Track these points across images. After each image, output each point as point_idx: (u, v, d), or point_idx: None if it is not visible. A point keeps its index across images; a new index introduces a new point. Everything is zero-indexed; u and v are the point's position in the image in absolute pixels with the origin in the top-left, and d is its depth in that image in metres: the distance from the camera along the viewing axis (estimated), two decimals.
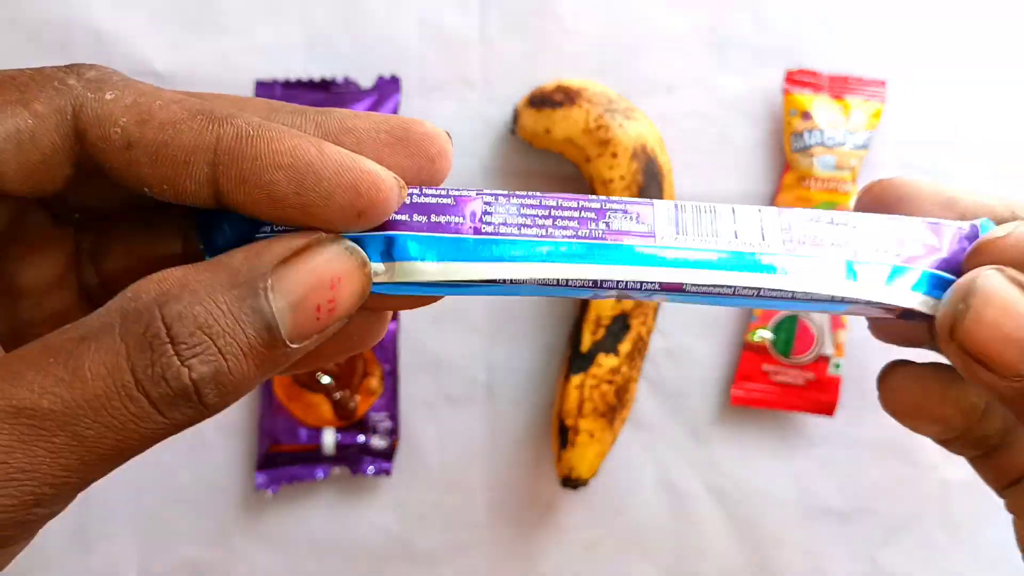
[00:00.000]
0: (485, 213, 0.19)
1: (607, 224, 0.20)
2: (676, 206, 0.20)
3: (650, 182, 0.44)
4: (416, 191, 0.19)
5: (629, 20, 0.47)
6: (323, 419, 0.45)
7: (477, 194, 0.20)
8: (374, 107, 0.45)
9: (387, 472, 0.46)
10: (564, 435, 0.45)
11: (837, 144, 0.46)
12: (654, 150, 0.44)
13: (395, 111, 0.46)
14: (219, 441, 0.47)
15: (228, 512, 0.47)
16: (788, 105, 0.47)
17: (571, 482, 0.45)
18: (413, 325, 0.47)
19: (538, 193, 0.20)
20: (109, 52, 0.45)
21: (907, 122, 0.48)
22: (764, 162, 0.48)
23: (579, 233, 0.19)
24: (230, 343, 0.15)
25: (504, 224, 0.19)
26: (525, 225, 0.19)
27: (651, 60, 0.47)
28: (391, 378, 0.46)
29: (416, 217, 0.19)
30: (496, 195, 0.20)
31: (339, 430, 0.46)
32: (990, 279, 0.18)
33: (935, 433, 0.22)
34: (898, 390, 0.21)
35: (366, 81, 0.46)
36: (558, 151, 0.45)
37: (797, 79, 0.47)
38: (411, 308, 0.20)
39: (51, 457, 0.15)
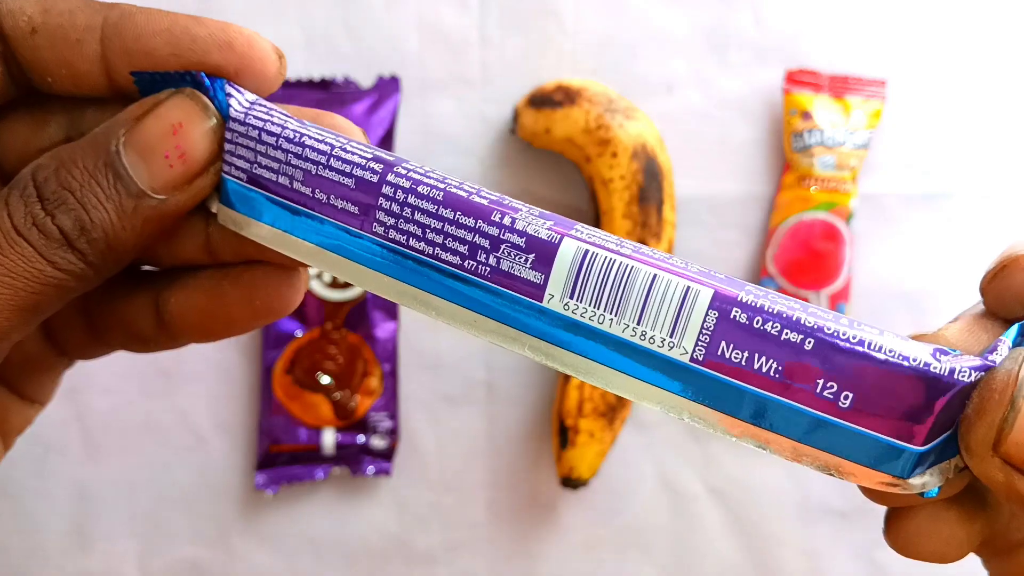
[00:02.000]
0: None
1: (495, 261, 0.17)
2: (585, 255, 0.17)
3: (650, 182, 0.44)
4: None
5: (629, 20, 0.47)
6: (323, 419, 0.45)
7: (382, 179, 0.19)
8: (374, 107, 0.45)
9: (387, 472, 0.46)
10: (564, 435, 0.45)
11: (837, 144, 0.46)
12: (654, 150, 0.44)
13: (395, 111, 0.46)
14: (219, 441, 0.47)
15: (228, 512, 0.47)
16: (788, 105, 0.47)
17: (571, 482, 0.45)
18: (413, 325, 0.47)
19: (443, 190, 0.18)
20: None
21: (907, 122, 0.48)
22: (764, 162, 0.48)
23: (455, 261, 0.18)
24: (87, 195, 0.18)
25: (394, 228, 0.19)
26: (415, 236, 0.18)
27: (651, 60, 0.47)
28: (391, 378, 0.46)
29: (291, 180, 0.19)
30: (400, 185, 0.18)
31: (339, 430, 0.46)
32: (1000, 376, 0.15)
33: (947, 562, 0.19)
34: (917, 537, 0.19)
35: (366, 81, 0.46)
36: (558, 151, 0.45)
37: (797, 79, 0.47)
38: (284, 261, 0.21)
39: None
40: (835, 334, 0.16)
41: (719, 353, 0.16)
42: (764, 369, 0.16)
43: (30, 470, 0.46)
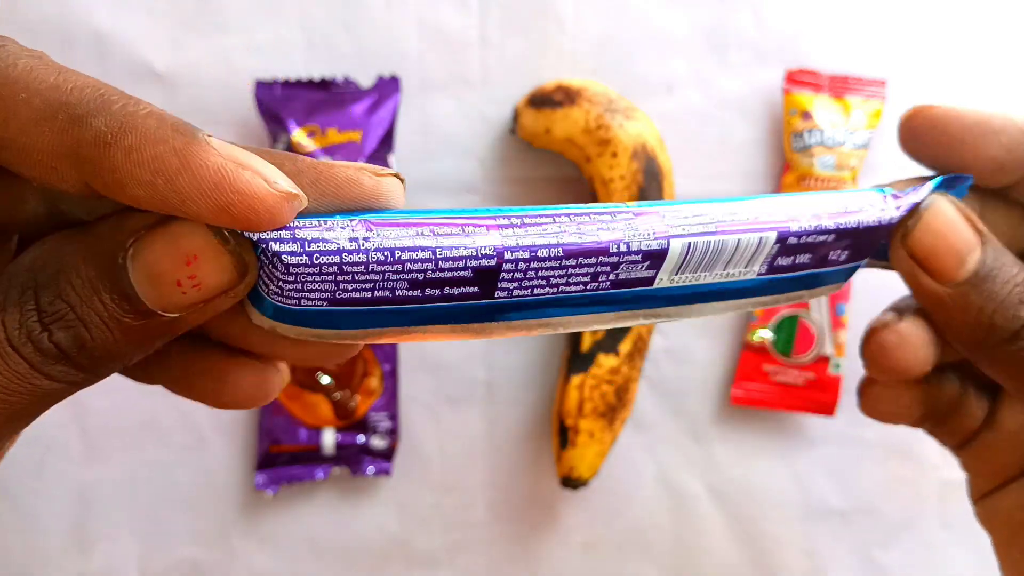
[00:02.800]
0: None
1: (615, 276, 0.20)
2: (688, 247, 0.20)
3: (650, 182, 0.44)
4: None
5: (629, 20, 0.47)
6: (323, 419, 0.45)
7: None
8: (374, 107, 0.45)
9: (387, 472, 0.46)
10: (564, 435, 0.45)
11: (837, 144, 0.46)
12: (654, 150, 0.44)
13: (395, 111, 0.46)
14: (219, 441, 0.47)
15: (228, 512, 0.47)
16: (788, 105, 0.47)
17: (571, 482, 0.45)
18: None
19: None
20: (109, 52, 0.45)
21: None
22: (764, 162, 0.48)
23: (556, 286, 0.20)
24: (88, 312, 0.16)
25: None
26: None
27: (651, 60, 0.47)
28: (391, 378, 0.46)
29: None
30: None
31: (339, 430, 0.46)
32: (942, 200, 0.22)
33: (906, 425, 0.26)
34: (875, 402, 0.26)
35: (366, 81, 0.46)
36: (558, 151, 0.45)
37: (797, 79, 0.47)
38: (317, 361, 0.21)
39: None
40: (845, 225, 0.22)
41: (775, 264, 0.22)
42: (803, 261, 0.22)
43: (30, 470, 0.46)
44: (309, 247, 0.17)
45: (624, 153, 0.43)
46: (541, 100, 0.44)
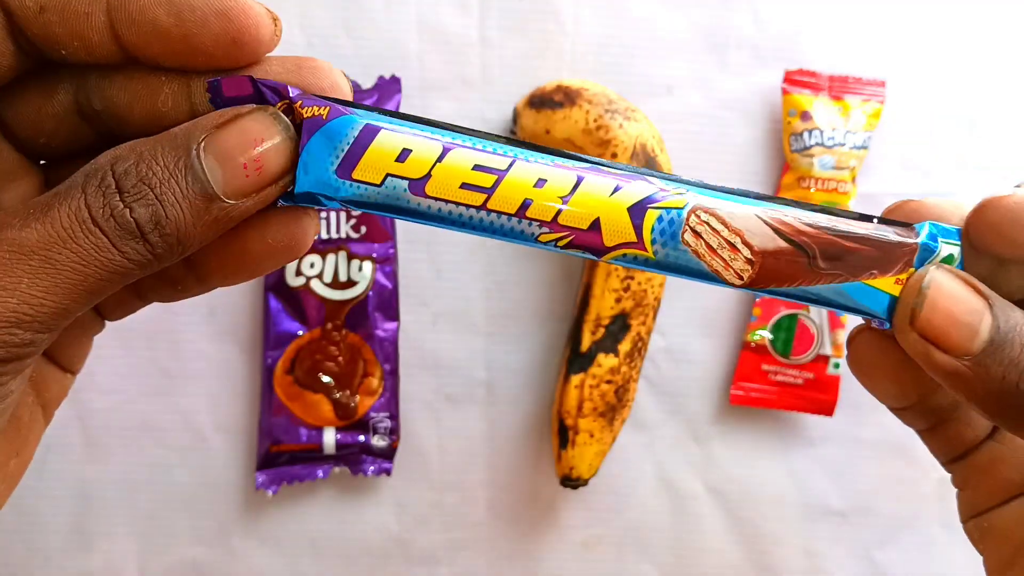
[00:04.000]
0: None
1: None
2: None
3: None
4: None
5: (629, 20, 0.47)
6: (323, 419, 0.46)
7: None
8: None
9: (387, 472, 0.46)
10: (564, 435, 0.45)
11: (837, 144, 0.46)
12: (654, 150, 0.44)
13: (395, 111, 0.46)
14: (219, 441, 0.47)
15: (228, 512, 0.47)
16: (787, 105, 0.47)
17: (571, 482, 0.45)
18: (413, 325, 0.47)
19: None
20: None
21: (907, 122, 0.48)
22: (764, 162, 0.48)
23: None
24: (166, 192, 0.19)
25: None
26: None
27: (651, 60, 0.47)
28: (391, 378, 0.46)
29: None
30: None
31: (339, 430, 0.46)
32: (941, 274, 0.21)
33: (893, 396, 0.24)
34: (862, 347, 0.24)
35: (366, 81, 0.46)
36: None
37: (797, 79, 0.47)
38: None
39: (28, 278, 0.18)
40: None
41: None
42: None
43: (30, 470, 0.46)
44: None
45: (624, 153, 0.43)
46: (541, 100, 0.44)
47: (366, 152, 0.20)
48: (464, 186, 0.20)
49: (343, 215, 0.46)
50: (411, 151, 0.20)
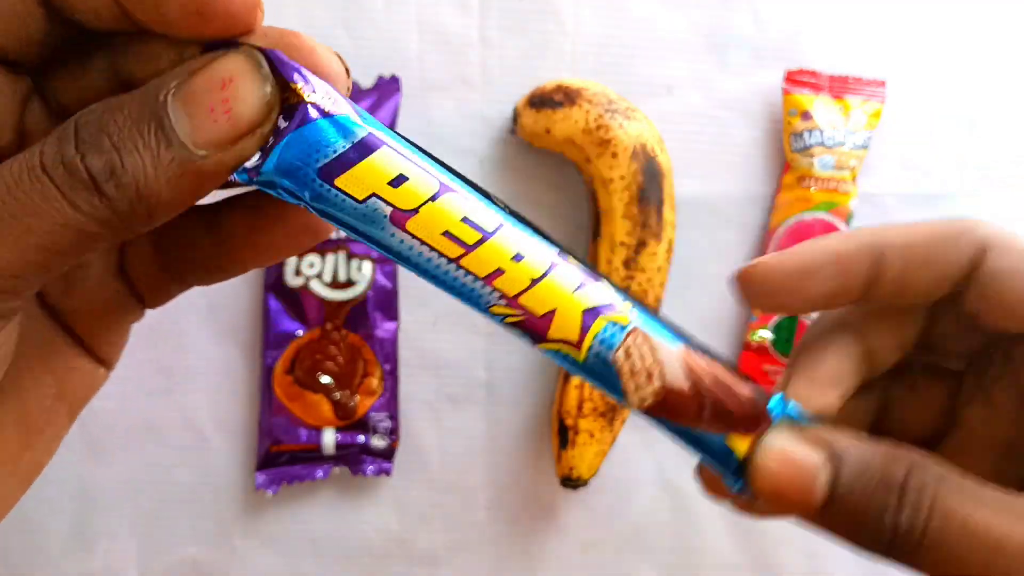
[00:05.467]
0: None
1: None
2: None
3: (650, 182, 0.44)
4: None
5: (629, 20, 0.47)
6: (323, 419, 0.45)
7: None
8: (374, 107, 0.45)
9: (387, 472, 0.46)
10: (564, 435, 0.45)
11: (837, 144, 0.46)
12: (654, 150, 0.44)
13: (395, 111, 0.46)
14: (219, 441, 0.47)
15: (228, 512, 0.47)
16: (788, 105, 0.47)
17: (571, 482, 0.45)
18: (413, 325, 0.47)
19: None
20: None
21: (907, 122, 0.48)
22: (764, 162, 0.48)
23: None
24: (124, 140, 0.17)
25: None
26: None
27: (651, 60, 0.47)
28: (391, 378, 0.46)
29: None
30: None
31: (339, 430, 0.46)
32: (772, 440, 0.21)
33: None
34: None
35: (366, 81, 0.46)
36: (558, 151, 0.45)
37: (797, 79, 0.47)
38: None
39: None
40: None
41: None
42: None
43: None
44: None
45: (624, 153, 0.43)
46: (541, 100, 0.44)
47: (359, 164, 0.19)
48: (446, 234, 0.19)
49: None
50: (407, 179, 0.19)
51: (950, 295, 0.23)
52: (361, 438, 0.46)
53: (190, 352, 0.46)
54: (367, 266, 0.46)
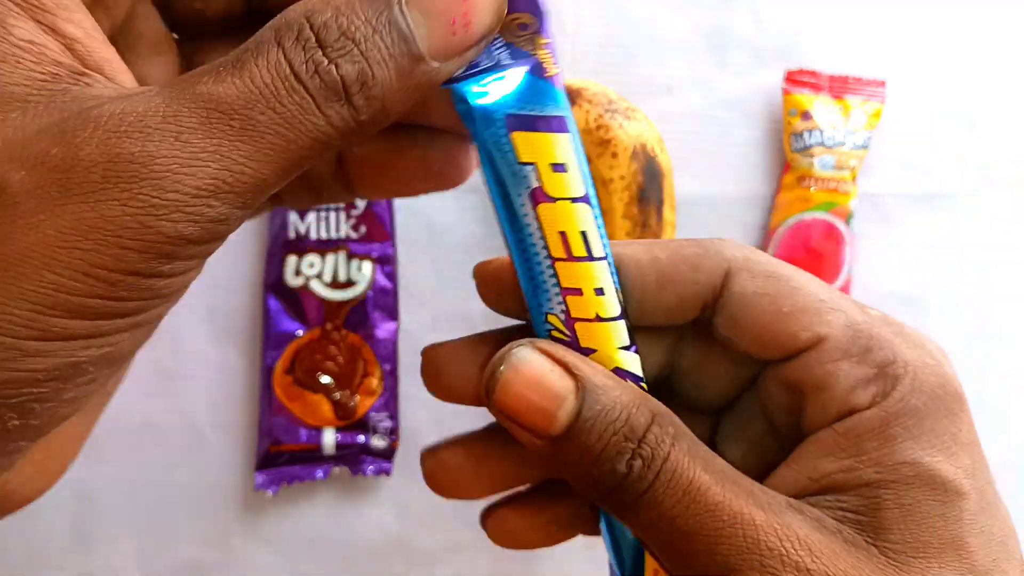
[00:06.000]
0: None
1: None
2: None
3: (650, 182, 0.44)
4: None
5: (629, 20, 0.47)
6: (323, 419, 0.45)
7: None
8: None
9: (387, 472, 0.46)
10: None
11: (837, 144, 0.46)
12: (654, 150, 0.44)
13: None
14: (219, 441, 0.47)
15: (228, 512, 0.47)
16: (788, 105, 0.47)
17: None
18: (413, 325, 0.47)
19: None
20: None
21: (907, 122, 0.48)
22: (764, 162, 0.48)
23: None
24: (371, 49, 0.17)
25: None
26: None
27: (651, 61, 0.47)
28: (391, 378, 0.46)
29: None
30: None
31: (339, 430, 0.46)
32: (523, 352, 0.20)
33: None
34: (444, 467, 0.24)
35: None
36: None
37: (797, 79, 0.47)
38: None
39: (229, 140, 0.16)
40: None
41: None
42: None
43: None
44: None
45: (624, 153, 0.43)
46: None
47: (541, 133, 0.19)
48: (562, 234, 0.20)
49: (342, 215, 0.46)
50: (566, 172, 0.19)
51: (699, 321, 0.22)
52: (361, 438, 0.46)
53: (190, 352, 0.46)
54: (367, 266, 0.46)
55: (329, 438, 0.46)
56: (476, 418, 0.49)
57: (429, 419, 0.47)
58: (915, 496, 0.19)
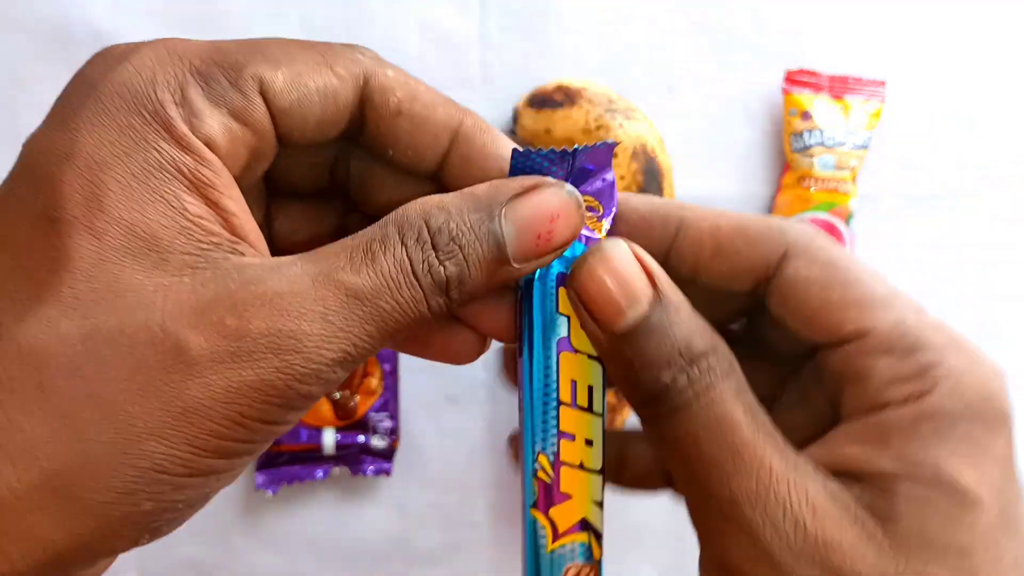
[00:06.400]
0: None
1: None
2: None
3: (650, 182, 0.44)
4: None
5: (629, 20, 0.47)
6: (323, 419, 0.46)
7: None
8: None
9: (387, 472, 0.46)
10: None
11: (837, 144, 0.46)
12: (654, 150, 0.44)
13: None
14: None
15: (228, 512, 0.47)
16: (788, 105, 0.47)
17: None
18: None
19: None
20: None
21: (907, 122, 0.48)
22: (764, 162, 0.48)
23: None
24: (471, 253, 0.20)
25: None
26: None
27: (651, 60, 0.47)
28: (391, 378, 0.46)
29: None
30: None
31: (339, 430, 0.46)
32: (613, 244, 0.21)
33: None
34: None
35: None
36: None
37: (797, 79, 0.47)
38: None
39: (359, 323, 0.19)
40: None
41: None
42: None
43: None
44: None
45: (624, 153, 0.43)
46: (541, 100, 0.44)
47: None
48: (572, 382, 0.22)
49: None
50: None
51: (754, 292, 0.23)
52: (361, 438, 0.46)
53: None
54: None
55: (329, 438, 0.46)
56: (476, 417, 0.50)
57: (429, 419, 0.47)
58: (929, 495, 0.19)
